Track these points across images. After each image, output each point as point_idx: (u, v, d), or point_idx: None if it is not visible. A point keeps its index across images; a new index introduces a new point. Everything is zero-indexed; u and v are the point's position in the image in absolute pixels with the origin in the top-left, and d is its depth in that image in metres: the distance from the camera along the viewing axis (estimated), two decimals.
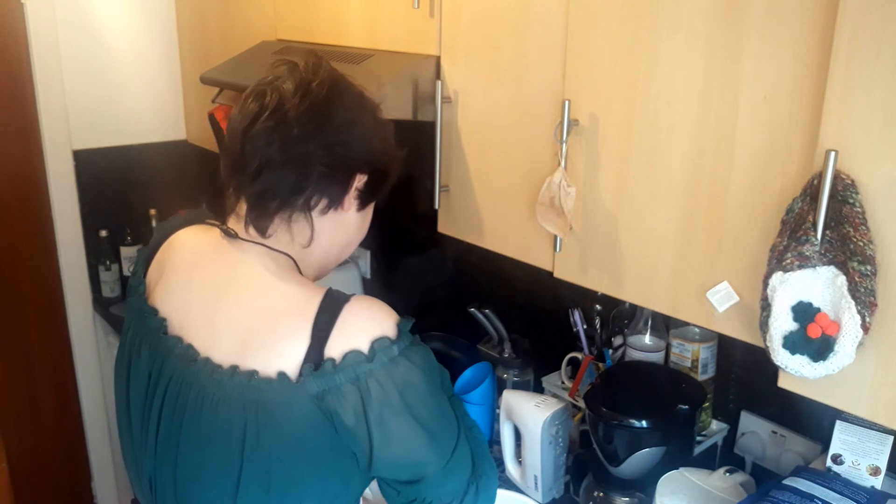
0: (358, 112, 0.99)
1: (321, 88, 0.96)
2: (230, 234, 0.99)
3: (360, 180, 0.99)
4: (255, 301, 0.94)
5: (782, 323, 0.92)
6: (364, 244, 2.43)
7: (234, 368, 0.91)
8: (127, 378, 1.02)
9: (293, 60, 1.00)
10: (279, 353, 0.90)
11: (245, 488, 0.90)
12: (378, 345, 0.89)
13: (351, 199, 1.00)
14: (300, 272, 1.00)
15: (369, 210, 1.07)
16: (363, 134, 0.99)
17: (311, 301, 0.91)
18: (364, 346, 0.88)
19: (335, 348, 0.88)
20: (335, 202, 0.99)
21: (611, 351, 1.63)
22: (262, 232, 0.97)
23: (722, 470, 1.31)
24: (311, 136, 0.94)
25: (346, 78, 1.01)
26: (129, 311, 1.06)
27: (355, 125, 0.98)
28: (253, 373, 0.89)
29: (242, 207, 0.98)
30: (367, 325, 0.90)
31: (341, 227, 1.02)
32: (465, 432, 0.98)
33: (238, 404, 0.89)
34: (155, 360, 0.97)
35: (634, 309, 1.57)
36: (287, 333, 0.90)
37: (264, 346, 0.91)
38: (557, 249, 1.28)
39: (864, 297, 0.86)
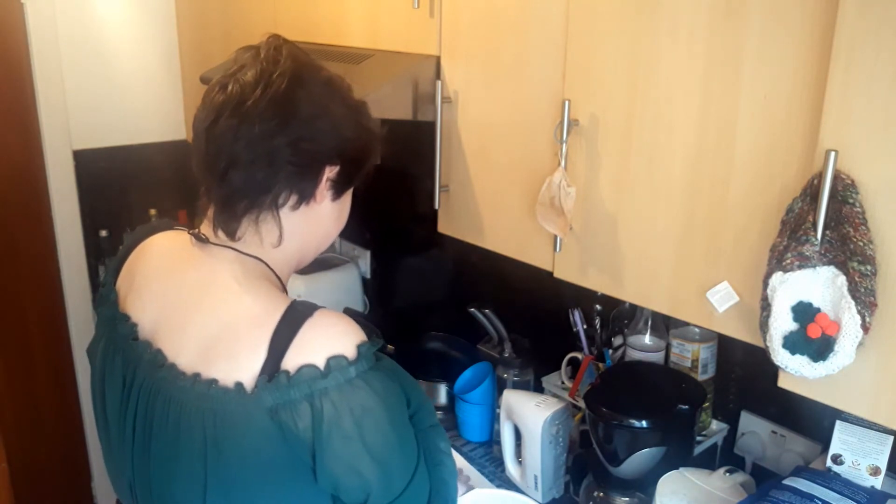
0: (325, 101, 0.94)
1: (282, 79, 0.91)
2: (201, 239, 0.96)
3: (331, 171, 0.95)
4: (220, 309, 0.92)
5: (782, 323, 0.92)
6: (364, 244, 2.44)
7: (196, 376, 0.89)
8: (102, 387, 1.00)
9: (255, 47, 0.95)
10: (237, 363, 0.87)
11: (211, 497, 0.88)
12: (334, 363, 0.85)
13: (323, 192, 0.96)
14: (275, 273, 0.97)
15: (347, 198, 1.03)
16: (332, 124, 0.94)
17: (272, 313, 0.88)
18: (320, 362, 0.85)
19: (291, 362, 0.85)
20: (306, 196, 0.95)
21: (611, 351, 1.63)
22: (231, 235, 0.94)
23: (722, 470, 1.31)
24: (276, 133, 0.90)
25: (312, 63, 0.96)
26: (99, 321, 1.04)
27: (323, 116, 0.93)
28: (212, 381, 0.88)
29: (213, 210, 0.95)
30: (325, 341, 0.87)
31: (316, 219, 0.99)
32: (432, 468, 0.94)
33: (198, 413, 0.87)
34: (128, 366, 0.95)
35: (634, 309, 1.57)
36: (246, 344, 0.88)
37: (225, 356, 0.88)
38: (557, 249, 1.28)
39: (864, 297, 0.86)
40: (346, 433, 0.85)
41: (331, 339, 0.87)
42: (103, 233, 2.52)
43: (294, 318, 0.88)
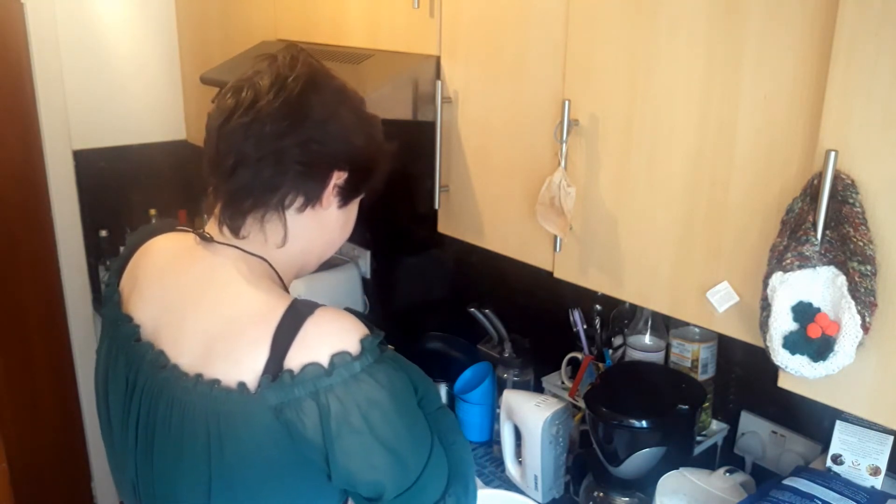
0: (336, 107, 0.96)
1: (296, 83, 0.93)
2: (205, 238, 0.97)
3: (339, 177, 0.97)
4: (222, 307, 0.92)
5: (782, 323, 0.92)
6: (364, 244, 2.44)
7: (199, 377, 0.88)
8: (105, 388, 1.00)
9: (272, 54, 0.97)
10: (239, 362, 0.87)
11: (216, 497, 0.88)
12: (338, 359, 0.85)
13: (330, 197, 0.97)
14: (277, 274, 0.98)
15: (353, 207, 1.04)
16: (342, 130, 0.96)
17: (273, 311, 0.88)
18: (324, 360, 0.85)
19: (294, 360, 0.85)
20: (312, 200, 0.96)
21: (611, 351, 1.63)
22: (236, 232, 0.95)
23: (722, 470, 1.31)
24: (286, 133, 0.91)
25: (327, 72, 0.98)
26: (103, 322, 1.04)
27: (332, 121, 0.95)
28: (215, 382, 0.87)
29: (219, 207, 0.96)
30: (327, 338, 0.87)
31: (322, 225, 1.00)
32: (447, 448, 0.94)
33: (201, 413, 0.87)
34: (131, 367, 0.95)
35: (634, 309, 1.57)
36: (248, 343, 0.88)
37: (226, 355, 0.88)
38: (557, 249, 1.28)
39: (864, 297, 0.86)
40: (355, 428, 0.85)
41: (333, 336, 0.87)
42: (103, 233, 2.52)
43: (296, 316, 0.88)
